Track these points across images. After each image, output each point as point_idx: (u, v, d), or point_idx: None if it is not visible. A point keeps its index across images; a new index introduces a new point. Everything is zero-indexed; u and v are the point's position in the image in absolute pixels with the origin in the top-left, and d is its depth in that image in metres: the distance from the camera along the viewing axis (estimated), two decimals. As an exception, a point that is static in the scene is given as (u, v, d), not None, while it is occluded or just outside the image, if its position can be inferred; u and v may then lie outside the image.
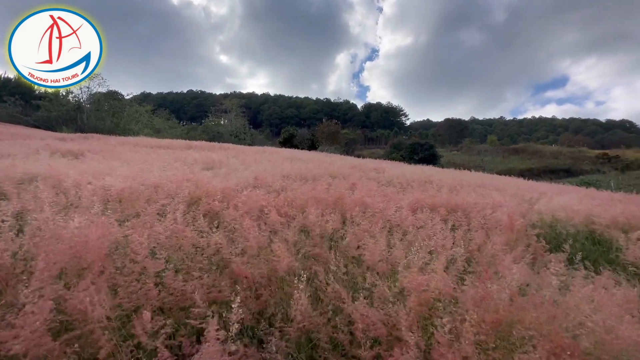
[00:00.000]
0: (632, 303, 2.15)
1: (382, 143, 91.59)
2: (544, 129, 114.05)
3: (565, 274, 2.75)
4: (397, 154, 45.08)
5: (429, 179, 7.27)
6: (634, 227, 4.47)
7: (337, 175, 6.72)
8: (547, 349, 1.43)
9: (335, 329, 1.76)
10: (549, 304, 1.78)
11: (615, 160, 41.84)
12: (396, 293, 1.85)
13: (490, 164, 49.06)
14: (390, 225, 3.30)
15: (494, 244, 2.81)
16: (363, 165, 10.12)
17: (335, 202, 3.97)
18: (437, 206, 4.10)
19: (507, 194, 6.29)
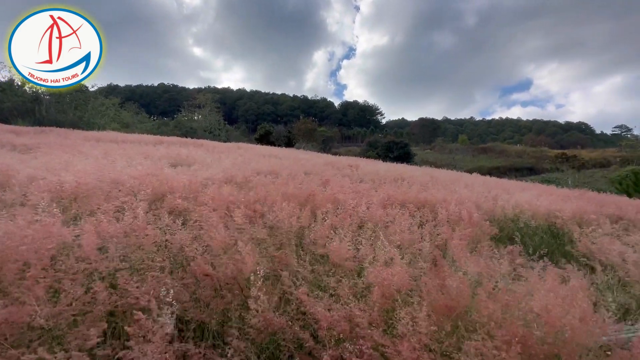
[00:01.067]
0: (580, 291, 2.30)
1: (358, 141, 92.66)
2: (510, 129, 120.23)
3: (522, 264, 2.91)
4: (373, 152, 45.80)
5: (401, 176, 7.42)
6: (586, 221, 4.80)
7: (312, 172, 6.69)
8: (502, 337, 1.48)
9: (303, 328, 1.73)
10: (503, 293, 1.85)
11: (573, 160, 44.95)
12: (362, 289, 1.85)
13: (461, 162, 51.08)
14: (361, 221, 3.31)
15: (458, 238, 2.89)
16: (338, 162, 10.16)
17: (307, 198, 3.93)
18: (407, 202, 4.18)
19: (474, 190, 6.54)
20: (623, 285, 3.28)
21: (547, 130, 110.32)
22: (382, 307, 1.73)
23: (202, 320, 1.88)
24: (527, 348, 1.56)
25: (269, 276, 1.98)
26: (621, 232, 4.41)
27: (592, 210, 5.32)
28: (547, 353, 1.66)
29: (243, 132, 77.17)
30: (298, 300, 1.78)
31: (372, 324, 1.64)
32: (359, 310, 1.68)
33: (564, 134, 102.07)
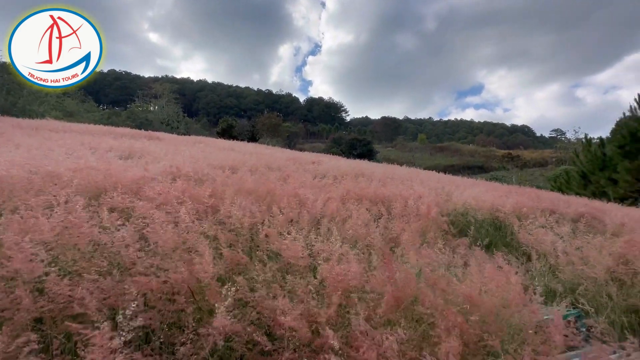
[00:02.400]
0: (514, 278, 2.51)
1: (323, 137, 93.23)
2: (464, 130, 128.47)
3: (468, 255, 3.11)
4: (337, 148, 46.41)
5: (362, 172, 7.58)
6: (525, 215, 5.27)
7: (274, 167, 6.59)
8: (443, 326, 1.56)
9: (259, 328, 1.68)
10: (445, 283, 1.96)
11: (516, 160, 49.34)
12: (316, 285, 1.84)
13: (420, 160, 53.60)
14: (319, 216, 3.32)
15: (411, 231, 3.01)
16: (301, 157, 10.12)
17: (266, 193, 3.85)
18: (365, 197, 4.28)
19: (429, 186, 6.88)
20: (553, 271, 3.65)
21: (496, 132, 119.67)
22: (337, 303, 1.74)
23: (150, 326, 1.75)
24: (464, 334, 1.66)
25: (221, 277, 1.89)
26: (554, 224, 4.90)
27: (530, 204, 5.85)
28: (482, 337, 1.78)
29: (204, 125, 73.96)
30: (254, 301, 1.73)
31: (329, 322, 1.64)
32: (316, 308, 1.67)
33: (509, 136, 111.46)
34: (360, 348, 1.33)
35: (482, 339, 1.80)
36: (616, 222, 5.30)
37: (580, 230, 4.67)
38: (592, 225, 5.31)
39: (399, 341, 1.37)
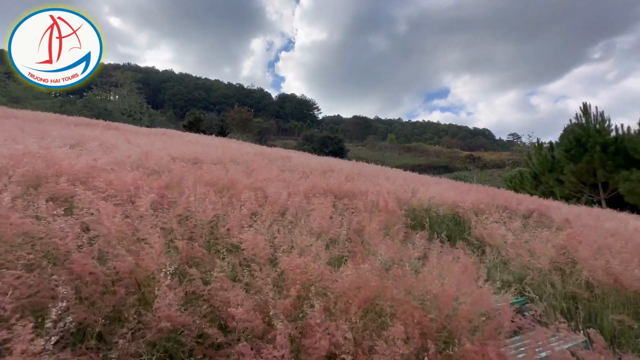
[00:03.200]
0: (470, 269, 2.63)
1: (295, 135, 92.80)
2: (430, 131, 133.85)
3: (429, 248, 3.20)
4: (309, 146, 46.37)
5: (330, 168, 7.60)
6: (481, 210, 5.56)
7: (240, 161, 6.40)
8: (403, 320, 1.58)
9: (212, 322, 1.59)
10: (407, 276, 2.00)
11: (478, 161, 52.37)
12: (275, 278, 1.79)
13: (389, 159, 55.09)
14: (283, 209, 3.26)
15: (374, 224, 3.05)
16: (271, 153, 9.95)
17: (228, 186, 3.72)
18: (331, 191, 4.28)
19: (395, 183, 7.06)
20: (504, 263, 3.88)
21: (460, 134, 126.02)
22: (295, 296, 1.70)
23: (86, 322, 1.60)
24: (423, 327, 1.69)
25: (174, 270, 1.77)
26: (507, 219, 5.23)
27: (487, 202, 6.20)
28: (440, 328, 1.83)
29: (170, 118, 70.61)
30: (207, 294, 1.64)
31: (285, 314, 1.60)
32: (273, 301, 1.62)
33: (472, 138, 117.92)
34: (313, 337, 1.30)
35: (443, 327, 1.86)
36: (561, 218, 5.77)
37: (529, 225, 5.02)
38: (540, 221, 5.73)
39: (354, 329, 1.36)
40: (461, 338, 1.65)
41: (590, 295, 3.18)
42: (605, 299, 3.07)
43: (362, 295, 1.73)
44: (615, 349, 2.55)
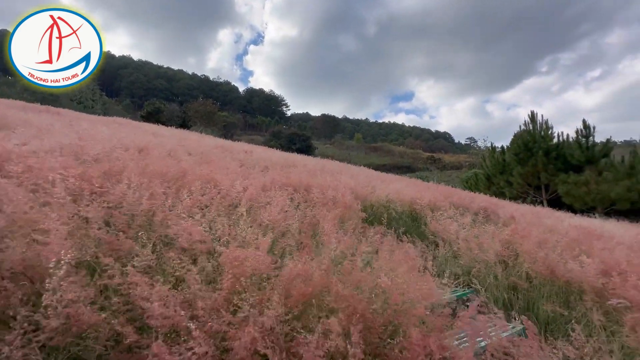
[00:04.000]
0: (421, 263, 2.67)
1: (262, 130, 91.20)
2: (396, 132, 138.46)
3: (383, 242, 3.21)
4: (277, 142, 45.82)
5: (294, 164, 7.48)
6: (437, 207, 5.77)
7: (197, 153, 6.06)
8: (346, 314, 1.52)
9: (129, 321, 1.41)
10: (356, 270, 1.95)
11: (438, 162, 55.17)
12: (211, 271, 1.64)
13: (355, 158, 56.10)
14: (236, 202, 3.09)
15: (330, 218, 2.99)
16: (233, 147, 9.60)
17: (178, 177, 3.46)
18: (290, 185, 4.17)
19: (357, 180, 7.11)
20: (455, 256, 4.03)
21: (423, 136, 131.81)
22: (230, 291, 1.56)
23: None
24: (367, 321, 1.65)
25: (87, 263, 1.56)
26: (459, 216, 5.47)
27: (442, 199, 6.45)
28: (386, 322, 1.80)
29: (127, 107, 66.05)
30: (125, 288, 1.45)
31: (217, 310, 1.46)
32: (203, 295, 1.48)
33: (434, 140, 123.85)
34: (240, 333, 1.19)
35: (389, 321, 1.83)
36: (507, 215, 6.17)
37: (479, 221, 5.29)
38: (489, 217, 6.08)
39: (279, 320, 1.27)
40: (406, 331, 1.63)
41: (529, 286, 3.38)
42: (541, 289, 3.28)
43: (302, 289, 1.65)
44: (548, 335, 2.72)
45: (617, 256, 3.36)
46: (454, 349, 1.65)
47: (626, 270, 2.98)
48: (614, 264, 3.09)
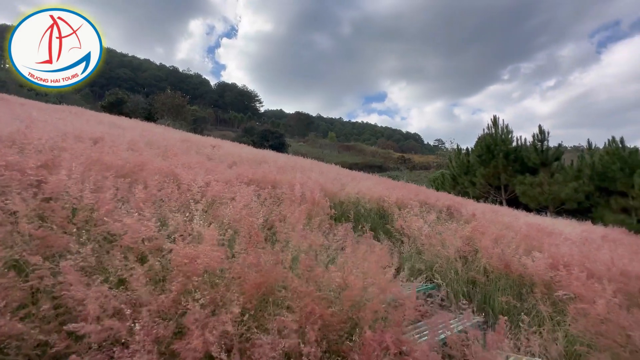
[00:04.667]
0: (385, 257, 2.69)
1: (235, 126, 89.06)
2: (368, 132, 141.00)
3: (350, 238, 3.20)
4: (249, 138, 44.85)
5: (264, 160, 7.33)
6: (404, 205, 5.90)
7: (159, 146, 5.73)
8: (301, 309, 1.47)
9: (60, 326, 1.27)
10: (318, 267, 1.91)
11: (408, 162, 56.96)
12: (159, 270, 1.52)
13: (329, 156, 56.37)
14: (198, 197, 2.94)
15: (296, 214, 2.93)
16: (200, 141, 9.23)
17: (135, 170, 3.24)
18: (259, 181, 4.05)
19: (328, 177, 7.11)
20: (419, 252, 4.13)
21: (394, 136, 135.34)
22: (180, 291, 1.45)
23: None
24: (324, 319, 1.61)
25: (14, 262, 1.38)
26: (425, 213, 5.63)
27: (409, 197, 6.62)
28: (345, 319, 1.77)
29: (85, 96, 61.58)
30: (57, 291, 1.30)
31: (162, 312, 1.35)
32: (148, 296, 1.36)
33: (404, 141, 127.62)
34: (188, 337, 1.10)
35: (348, 318, 1.81)
36: (469, 213, 6.45)
37: (443, 219, 5.48)
38: (452, 215, 6.32)
39: (240, 324, 1.20)
40: (364, 327, 1.62)
41: (487, 280, 3.54)
42: (497, 283, 3.45)
43: (255, 279, 1.57)
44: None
45: (564, 251, 3.61)
46: (411, 343, 1.66)
47: (571, 264, 3.21)
48: (561, 258, 3.31)
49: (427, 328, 2.44)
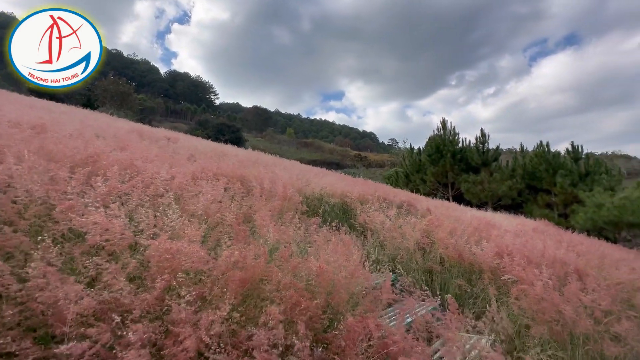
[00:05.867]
0: (353, 250, 2.81)
1: (187, 118, 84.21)
2: (326, 129, 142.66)
3: (318, 233, 3.28)
4: (203, 132, 42.78)
5: (224, 154, 7.09)
6: (366, 200, 6.14)
7: (108, 136, 5.25)
8: (286, 301, 1.50)
9: (28, 330, 1.14)
10: (294, 258, 1.95)
11: (364, 160, 58.96)
12: (136, 267, 1.44)
13: (287, 152, 56.03)
14: (163, 191, 2.78)
15: (268, 209, 2.92)
16: (152, 132, 8.61)
17: (88, 162, 2.95)
18: (224, 175, 3.93)
19: (292, 173, 7.11)
20: (381, 245, 4.36)
21: (351, 134, 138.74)
22: (161, 288, 1.39)
23: None
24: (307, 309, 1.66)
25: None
26: (385, 208, 5.92)
27: (370, 192, 6.90)
28: (324, 306, 1.84)
29: (6, 77, 53.51)
30: (24, 295, 1.17)
31: (145, 311, 1.28)
32: (130, 295, 1.28)
33: (361, 139, 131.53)
34: (178, 336, 1.07)
35: (327, 305, 1.87)
36: (424, 208, 6.93)
37: (402, 214, 5.82)
38: (409, 210, 6.73)
39: (223, 320, 1.19)
40: (345, 314, 1.69)
41: (442, 269, 3.87)
42: (451, 271, 3.78)
43: (240, 276, 1.57)
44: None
45: (507, 241, 4.07)
46: (387, 328, 1.78)
47: (513, 252, 3.64)
48: (506, 248, 3.73)
49: (395, 313, 2.62)
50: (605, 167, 17.16)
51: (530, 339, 2.62)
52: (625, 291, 3.18)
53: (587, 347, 2.54)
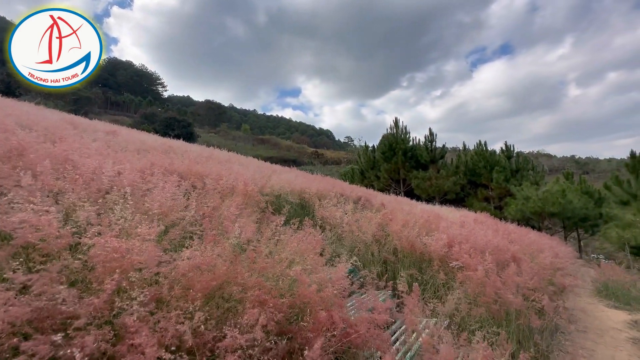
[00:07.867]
0: (317, 243, 2.85)
1: (131, 111, 77.54)
2: (283, 126, 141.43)
3: (280, 230, 3.26)
4: (150, 125, 39.82)
5: (173, 149, 6.68)
6: (323, 196, 6.24)
7: (40, 128, 4.63)
8: (252, 301, 1.47)
9: None
10: (262, 257, 1.92)
11: (321, 157, 59.63)
12: (79, 268, 1.30)
13: (242, 149, 54.40)
14: (107, 187, 2.54)
15: (229, 206, 2.82)
16: (90, 125, 7.78)
17: (7, 155, 2.58)
18: (176, 172, 3.71)
19: (249, 169, 6.94)
20: (340, 239, 4.47)
21: (308, 132, 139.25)
22: (109, 290, 1.27)
23: None
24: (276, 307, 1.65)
25: None
26: (342, 203, 6.07)
27: (328, 189, 7.02)
28: (292, 304, 1.84)
29: None
30: None
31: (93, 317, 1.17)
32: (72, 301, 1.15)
33: (317, 137, 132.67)
34: (133, 341, 1.00)
35: (294, 302, 1.87)
36: (379, 203, 7.24)
37: (359, 208, 6.02)
38: (365, 205, 6.98)
39: (195, 324, 1.14)
40: (312, 309, 1.71)
41: (396, 259, 4.09)
42: (404, 261, 4.02)
43: (205, 282, 1.51)
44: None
45: (454, 232, 4.42)
46: (348, 318, 1.84)
47: (460, 241, 3.97)
48: (454, 238, 4.05)
49: (354, 304, 2.72)
50: (532, 164, 19.50)
51: (471, 319, 2.90)
52: (549, 271, 3.66)
53: (519, 322, 2.89)
